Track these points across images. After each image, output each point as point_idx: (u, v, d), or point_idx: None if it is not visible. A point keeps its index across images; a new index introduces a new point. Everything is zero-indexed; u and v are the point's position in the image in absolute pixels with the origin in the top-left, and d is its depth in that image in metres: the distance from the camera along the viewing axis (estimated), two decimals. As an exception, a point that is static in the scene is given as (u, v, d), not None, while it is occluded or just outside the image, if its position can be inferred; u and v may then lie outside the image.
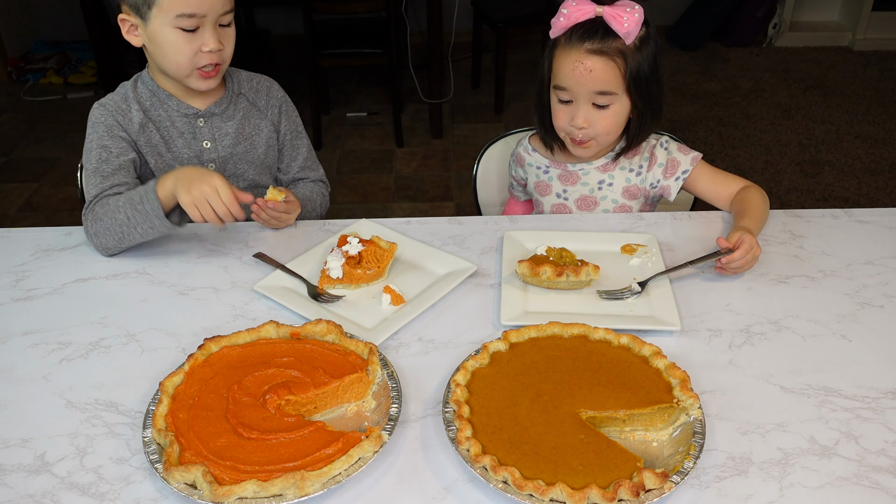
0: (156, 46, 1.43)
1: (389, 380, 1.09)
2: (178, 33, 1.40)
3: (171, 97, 1.53)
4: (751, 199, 1.46)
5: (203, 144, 1.57)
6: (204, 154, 1.58)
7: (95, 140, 1.48)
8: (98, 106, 1.52)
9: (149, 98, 1.53)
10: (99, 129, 1.49)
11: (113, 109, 1.50)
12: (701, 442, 0.97)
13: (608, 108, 1.44)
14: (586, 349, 1.12)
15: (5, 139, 3.92)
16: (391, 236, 1.44)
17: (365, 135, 3.93)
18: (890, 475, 0.97)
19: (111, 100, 1.52)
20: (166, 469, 0.93)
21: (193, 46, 1.41)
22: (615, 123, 1.47)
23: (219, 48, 1.43)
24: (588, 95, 1.43)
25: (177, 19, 1.38)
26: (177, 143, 1.56)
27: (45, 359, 1.18)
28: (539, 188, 1.64)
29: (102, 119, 1.50)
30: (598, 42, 1.39)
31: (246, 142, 1.61)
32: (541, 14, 4.01)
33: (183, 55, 1.42)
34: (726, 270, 1.31)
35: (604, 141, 1.50)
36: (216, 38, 1.42)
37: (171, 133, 1.55)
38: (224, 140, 1.59)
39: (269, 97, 1.65)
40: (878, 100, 4.19)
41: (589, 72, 1.40)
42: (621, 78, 1.41)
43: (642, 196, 1.58)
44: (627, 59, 1.40)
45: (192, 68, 1.44)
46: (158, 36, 1.41)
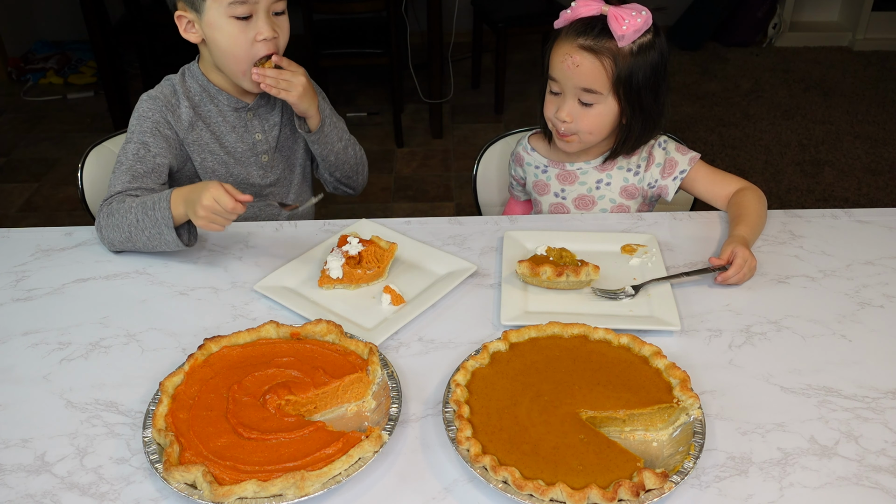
0: (212, 40, 1.44)
1: (389, 380, 1.09)
2: (233, 23, 1.40)
3: (221, 92, 1.54)
4: (747, 204, 1.44)
5: (255, 137, 1.59)
6: (257, 146, 1.60)
7: (137, 133, 1.47)
8: (148, 98, 1.50)
9: (198, 93, 1.53)
10: (145, 122, 1.48)
11: (163, 104, 1.49)
12: (701, 442, 0.97)
13: (592, 106, 1.44)
14: (586, 349, 1.12)
15: (5, 139, 3.92)
16: (391, 236, 1.44)
17: (365, 135, 3.93)
18: (890, 475, 0.97)
19: (161, 93, 1.51)
20: (166, 469, 0.93)
21: (248, 35, 1.41)
22: (599, 124, 1.46)
23: (273, 36, 1.43)
24: (574, 90, 1.43)
25: (230, 7, 1.38)
26: (229, 138, 1.57)
27: (45, 359, 1.18)
28: (537, 187, 1.65)
29: (150, 114, 1.48)
30: (592, 39, 1.39)
31: (287, 127, 1.64)
32: (541, 14, 4.01)
33: (239, 46, 1.42)
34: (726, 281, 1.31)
35: (587, 139, 1.50)
36: (270, 25, 1.42)
37: (222, 128, 1.56)
38: (273, 131, 1.62)
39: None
40: (878, 100, 4.19)
41: (576, 66, 1.40)
42: (607, 79, 1.40)
43: (640, 196, 1.58)
44: (617, 62, 1.39)
45: (250, 61, 1.44)
46: (214, 28, 1.41)
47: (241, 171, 1.60)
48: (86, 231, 1.49)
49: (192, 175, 1.58)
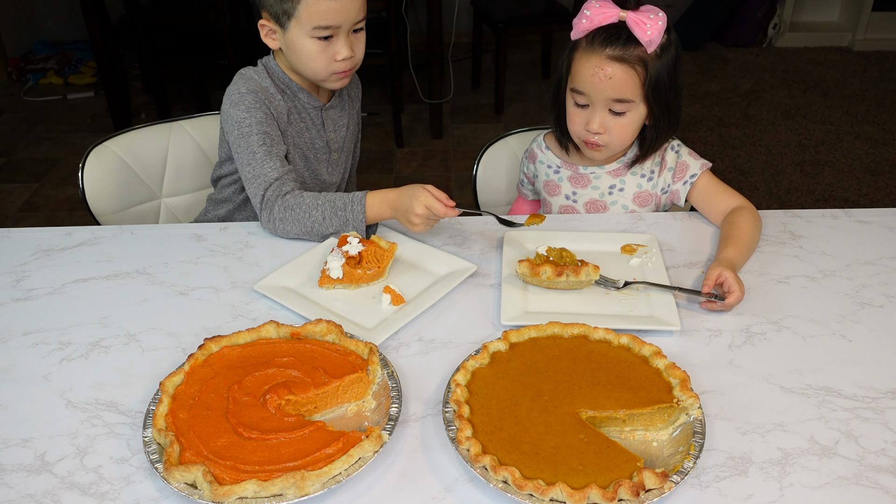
0: (292, 53, 1.48)
1: (389, 380, 1.09)
2: (314, 42, 1.45)
3: (301, 90, 1.57)
4: (741, 225, 1.40)
5: (329, 135, 1.64)
6: (330, 144, 1.65)
7: (256, 125, 1.48)
8: (249, 92, 1.50)
9: (283, 88, 1.56)
10: (258, 114, 1.49)
11: (264, 97, 1.51)
12: (701, 442, 0.97)
13: (624, 115, 1.42)
14: (586, 349, 1.12)
15: (5, 139, 3.92)
16: (391, 236, 1.44)
17: (365, 135, 3.92)
18: (890, 475, 0.97)
19: (256, 86, 1.51)
20: (166, 469, 0.93)
21: (328, 55, 1.46)
22: (630, 131, 1.46)
23: (351, 55, 1.48)
24: (605, 101, 1.41)
25: (314, 30, 1.43)
26: (308, 134, 1.60)
27: (46, 359, 1.18)
28: (548, 187, 1.64)
29: (259, 105, 1.50)
30: (620, 49, 1.36)
31: (349, 131, 1.70)
32: (541, 14, 4.01)
33: (318, 63, 1.47)
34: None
35: (616, 149, 1.50)
36: (349, 46, 1.47)
37: (304, 124, 1.59)
38: (341, 131, 1.67)
39: (357, 90, 1.75)
40: (878, 100, 4.19)
41: (609, 79, 1.38)
42: (640, 86, 1.39)
43: (653, 203, 1.57)
44: (648, 68, 1.38)
45: (329, 74, 1.50)
46: (295, 44, 1.46)
47: (317, 168, 1.65)
48: (86, 231, 1.49)
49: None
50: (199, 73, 3.60)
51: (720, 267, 1.27)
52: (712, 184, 1.52)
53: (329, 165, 1.68)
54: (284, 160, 1.50)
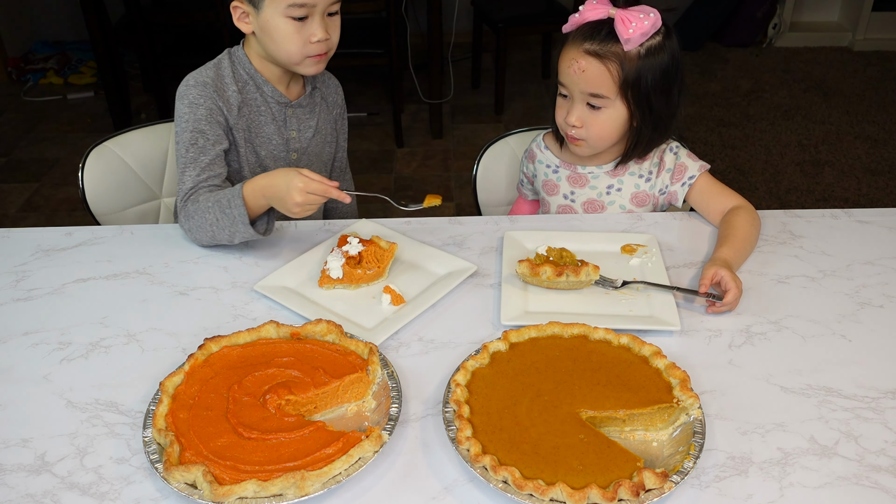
0: (266, 35, 1.45)
1: (389, 380, 1.09)
2: (289, 23, 1.42)
3: (266, 83, 1.54)
4: (738, 224, 1.40)
5: (291, 134, 1.61)
6: (290, 143, 1.61)
7: (192, 122, 1.46)
8: (197, 84, 1.48)
9: (245, 79, 1.54)
10: (199, 111, 1.46)
11: (213, 90, 1.48)
12: (701, 442, 0.97)
13: (601, 111, 1.43)
14: (586, 349, 1.12)
15: (5, 139, 3.92)
16: (391, 236, 1.44)
17: (365, 135, 3.93)
18: (890, 475, 0.97)
19: (209, 77, 1.49)
20: (166, 469, 0.93)
21: (303, 36, 1.43)
22: (608, 129, 1.45)
23: (326, 38, 1.45)
24: (582, 95, 1.42)
25: (288, 8, 1.40)
26: (266, 130, 1.57)
27: (45, 359, 1.18)
28: (547, 187, 1.64)
29: (202, 101, 1.47)
30: (598, 44, 1.37)
31: (319, 135, 1.66)
32: (541, 14, 4.01)
33: (293, 44, 1.44)
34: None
35: (596, 144, 1.49)
36: (324, 27, 1.44)
37: (262, 118, 1.56)
38: (307, 132, 1.63)
39: (336, 96, 1.71)
40: (878, 100, 4.19)
41: (581, 72, 1.39)
42: (613, 83, 1.39)
43: (651, 203, 1.57)
44: (624, 66, 1.37)
45: (303, 57, 1.46)
46: (269, 25, 1.43)
47: (271, 164, 1.62)
48: (86, 231, 1.49)
49: (234, 161, 1.57)
50: (199, 73, 3.60)
51: (715, 266, 1.27)
52: (710, 185, 1.52)
53: (287, 164, 1.63)
54: (211, 165, 1.45)
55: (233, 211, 1.33)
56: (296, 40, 1.43)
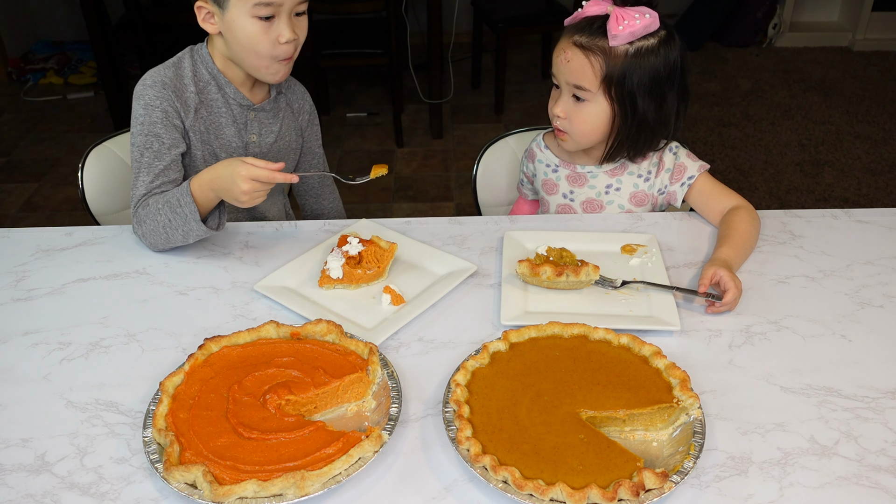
0: (232, 36, 1.42)
1: (389, 380, 1.09)
2: (256, 22, 1.38)
3: (229, 84, 1.51)
4: (738, 224, 1.40)
5: (251, 137, 1.58)
6: (250, 147, 1.59)
7: (147, 125, 1.43)
8: (153, 84, 1.45)
9: (206, 79, 1.50)
10: (154, 112, 1.43)
11: (171, 91, 1.45)
12: (701, 442, 0.97)
13: (584, 104, 1.43)
14: (586, 349, 1.12)
15: (5, 139, 3.92)
16: (391, 236, 1.44)
17: (365, 135, 3.93)
18: (890, 475, 0.97)
19: (168, 76, 1.46)
20: (166, 469, 0.93)
21: (270, 37, 1.40)
22: (590, 123, 1.45)
23: (294, 38, 1.42)
24: (568, 86, 1.44)
25: (255, 7, 1.37)
26: (227, 131, 1.54)
27: (45, 359, 1.18)
28: (546, 186, 1.64)
29: (158, 103, 1.44)
30: (587, 36, 1.39)
31: (282, 141, 1.63)
32: (541, 14, 4.01)
33: (260, 45, 1.41)
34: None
35: (578, 139, 1.49)
36: (291, 27, 1.41)
37: (221, 120, 1.53)
38: (268, 137, 1.60)
39: (303, 102, 1.68)
40: (878, 100, 4.19)
41: (567, 62, 1.41)
42: (594, 77, 1.40)
43: (649, 203, 1.57)
44: (608, 62, 1.38)
45: (271, 61, 1.43)
46: (235, 25, 1.40)
47: None
48: (86, 231, 1.49)
49: (189, 163, 1.54)
50: (199, 73, 3.60)
51: (714, 266, 1.27)
52: (710, 185, 1.52)
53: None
54: (165, 170, 1.43)
55: (183, 209, 1.32)
56: (263, 41, 1.40)
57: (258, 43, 1.40)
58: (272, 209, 1.71)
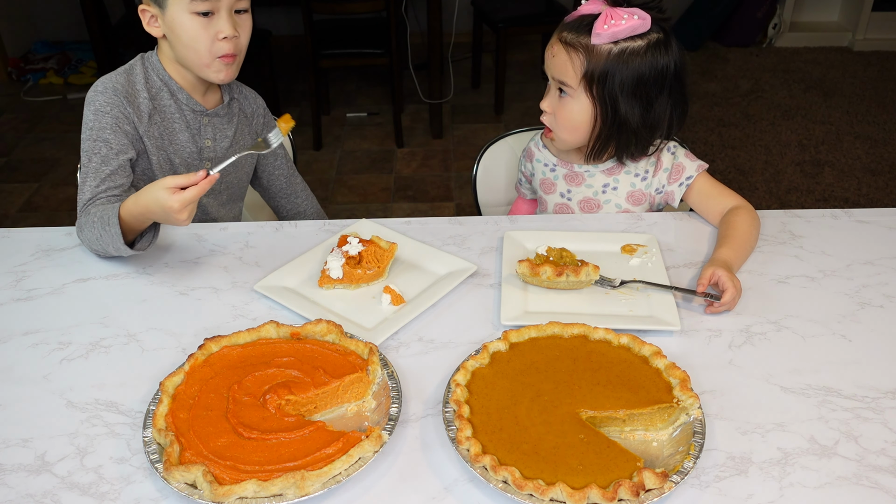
0: (174, 35, 1.43)
1: (389, 380, 1.09)
2: (195, 19, 1.40)
3: (181, 90, 1.52)
4: (738, 225, 1.40)
5: (205, 143, 1.57)
6: (204, 152, 1.58)
7: (96, 130, 1.43)
8: (105, 91, 1.45)
9: (158, 85, 1.51)
10: (104, 118, 1.44)
11: (123, 96, 1.45)
12: (701, 442, 0.97)
13: (567, 100, 1.44)
14: (586, 349, 1.12)
15: (5, 139, 3.92)
16: (391, 236, 1.44)
17: (365, 135, 3.93)
18: (890, 475, 0.97)
19: (120, 83, 1.47)
20: (166, 469, 0.93)
21: (210, 33, 1.41)
22: (572, 120, 1.46)
23: (234, 34, 1.43)
24: (554, 82, 1.46)
25: (191, 3, 1.38)
26: (181, 137, 1.54)
27: (45, 359, 1.18)
28: (544, 185, 1.64)
29: (109, 108, 1.44)
30: (573, 33, 1.40)
31: (238, 146, 1.63)
32: (541, 14, 4.01)
33: (200, 42, 1.42)
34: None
35: (562, 135, 1.50)
36: (231, 24, 1.42)
37: (175, 126, 1.53)
38: (223, 142, 1.60)
39: (255, 106, 1.68)
40: (878, 100, 4.19)
41: (552, 57, 1.44)
42: (574, 73, 1.41)
43: (647, 202, 1.57)
44: (589, 59, 1.38)
45: (212, 58, 1.44)
46: (175, 23, 1.41)
47: (184, 172, 1.56)
48: (86, 231, 1.49)
49: (146, 168, 1.53)
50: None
51: (713, 266, 1.27)
52: (709, 185, 1.52)
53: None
54: (112, 175, 1.42)
55: (111, 230, 1.30)
56: (203, 38, 1.41)
57: (198, 40, 1.41)
58: (226, 217, 1.70)
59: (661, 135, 1.49)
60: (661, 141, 1.52)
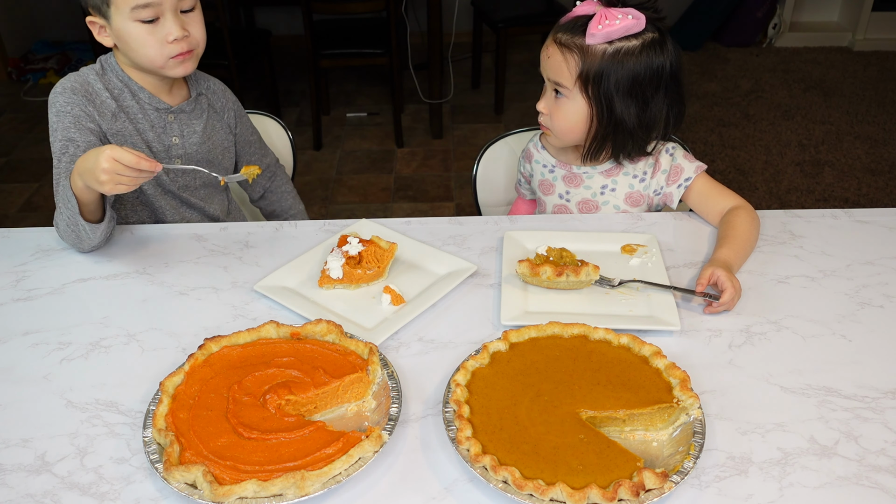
0: (123, 44, 1.42)
1: (389, 380, 1.09)
2: (139, 26, 1.38)
3: (142, 89, 1.50)
4: (737, 225, 1.40)
5: (172, 140, 1.55)
6: (172, 150, 1.56)
7: (61, 130, 1.42)
8: (64, 91, 1.44)
9: (119, 87, 1.49)
10: (65, 119, 1.42)
11: (82, 96, 1.44)
12: (701, 442, 0.97)
13: (563, 100, 1.45)
14: (586, 349, 1.12)
15: (5, 139, 3.92)
16: (391, 236, 1.44)
17: (365, 135, 3.93)
18: (890, 475, 0.97)
19: (78, 83, 1.45)
20: (166, 469, 0.93)
21: (157, 38, 1.39)
22: (568, 120, 1.46)
23: (184, 35, 1.41)
24: (550, 83, 1.47)
25: (133, 12, 1.36)
26: (147, 136, 1.53)
27: (45, 359, 1.18)
28: (543, 186, 1.64)
29: (70, 108, 1.43)
30: (568, 34, 1.40)
31: (209, 142, 1.61)
32: (541, 14, 4.01)
33: (150, 48, 1.40)
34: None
35: (560, 135, 1.50)
36: (179, 25, 1.40)
37: (140, 125, 1.52)
38: (191, 138, 1.58)
39: (225, 100, 1.66)
40: (878, 100, 4.19)
41: (548, 58, 1.45)
42: (569, 73, 1.41)
43: (645, 204, 1.57)
44: (584, 60, 1.38)
45: (165, 59, 1.43)
46: (122, 32, 1.40)
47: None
48: (86, 231, 1.49)
49: None
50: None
51: (712, 266, 1.27)
52: (708, 186, 1.52)
53: (172, 172, 1.57)
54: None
55: (68, 195, 1.29)
56: (151, 44, 1.40)
57: (147, 46, 1.40)
58: (211, 205, 1.68)
59: (658, 135, 1.49)
60: (659, 142, 1.52)
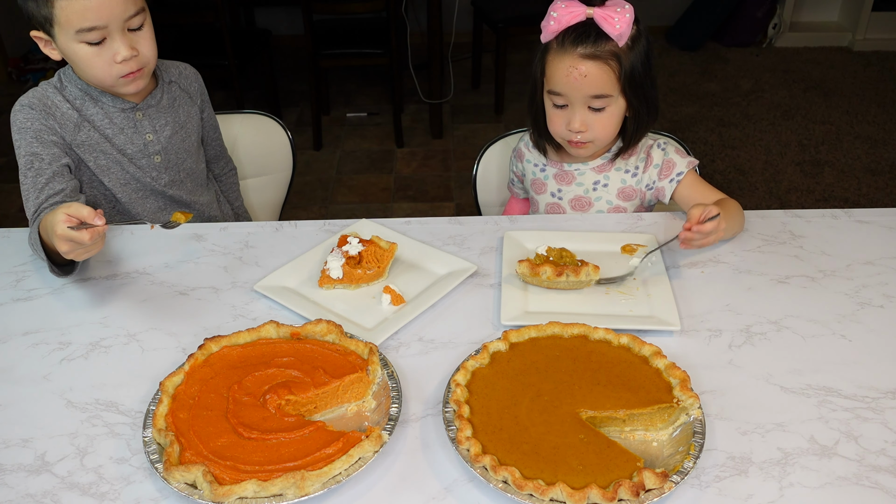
0: (71, 61, 1.41)
1: (389, 380, 1.09)
2: (85, 47, 1.36)
3: (103, 94, 1.48)
4: (725, 204, 1.43)
5: (146, 137, 1.54)
6: (149, 147, 1.54)
7: (24, 147, 1.41)
8: (22, 108, 1.43)
9: (79, 97, 1.47)
10: (27, 134, 1.42)
11: (40, 110, 1.43)
12: (701, 442, 0.97)
13: (604, 110, 1.43)
14: (586, 349, 1.12)
15: (5, 139, 3.92)
16: (391, 236, 1.44)
17: (365, 135, 3.93)
18: (890, 475, 0.97)
19: (37, 98, 1.44)
20: (166, 469, 0.93)
21: (104, 59, 1.38)
22: (612, 125, 1.47)
23: (133, 54, 1.39)
24: (583, 100, 1.43)
25: (78, 34, 1.34)
26: (118, 140, 1.51)
27: (45, 359, 1.18)
28: (535, 185, 1.65)
29: (29, 123, 1.42)
30: (592, 46, 1.38)
31: (182, 130, 1.60)
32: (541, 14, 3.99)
33: (97, 69, 1.39)
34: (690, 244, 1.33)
35: (602, 143, 1.51)
36: (127, 45, 1.37)
37: (110, 130, 1.50)
38: (164, 131, 1.56)
39: (196, 84, 1.65)
40: (878, 100, 4.19)
41: (584, 77, 1.39)
42: (616, 80, 1.40)
43: (637, 198, 1.58)
44: (622, 61, 1.39)
45: (114, 79, 1.41)
46: (69, 52, 1.38)
47: (138, 172, 1.55)
48: (86, 231, 1.49)
49: (91, 177, 1.52)
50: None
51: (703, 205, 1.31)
52: (697, 182, 1.53)
53: (154, 169, 1.56)
54: (49, 183, 1.39)
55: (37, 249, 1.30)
56: (98, 64, 1.38)
57: (94, 67, 1.39)
58: (202, 198, 1.68)
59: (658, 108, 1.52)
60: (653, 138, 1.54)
